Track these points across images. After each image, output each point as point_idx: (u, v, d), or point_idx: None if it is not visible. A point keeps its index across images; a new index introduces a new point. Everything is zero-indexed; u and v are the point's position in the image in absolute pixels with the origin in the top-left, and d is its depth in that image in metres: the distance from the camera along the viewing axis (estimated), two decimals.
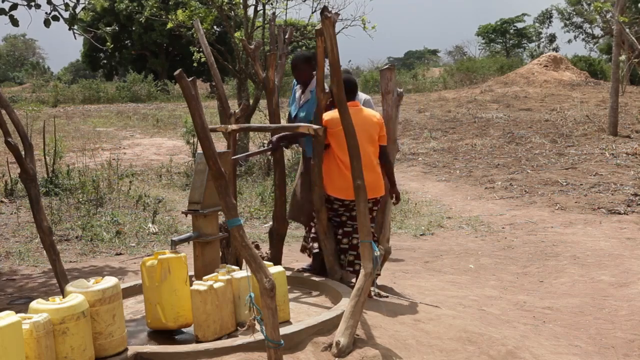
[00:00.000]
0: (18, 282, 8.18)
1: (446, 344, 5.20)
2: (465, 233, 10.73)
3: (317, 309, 5.72)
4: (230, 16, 16.64)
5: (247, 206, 12.23)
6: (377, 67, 51.43)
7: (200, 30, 6.93)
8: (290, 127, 6.33)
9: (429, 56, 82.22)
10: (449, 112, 26.78)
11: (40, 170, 12.85)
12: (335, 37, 5.00)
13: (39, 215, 5.47)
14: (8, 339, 3.77)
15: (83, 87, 45.94)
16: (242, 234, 4.14)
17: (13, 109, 5.70)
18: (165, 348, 4.72)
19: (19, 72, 76.28)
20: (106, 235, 10.37)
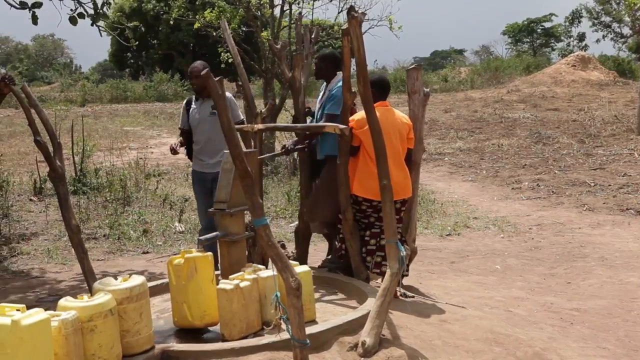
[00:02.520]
0: (46, 280, 8.27)
1: (472, 344, 5.17)
2: (492, 233, 10.67)
3: (343, 308, 5.71)
4: (257, 16, 16.67)
5: (273, 205, 12.26)
6: (403, 66, 51.27)
7: (227, 30, 6.95)
8: (316, 127, 6.32)
9: (456, 56, 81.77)
10: (475, 112, 26.64)
11: (69, 169, 12.96)
12: (361, 37, 4.99)
13: (68, 213, 5.51)
14: (37, 336, 3.80)
15: (111, 87, 46.29)
16: (268, 233, 4.14)
17: (42, 109, 5.76)
18: (192, 346, 4.73)
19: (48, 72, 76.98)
20: (133, 233, 10.45)
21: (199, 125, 7.43)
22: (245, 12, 16.06)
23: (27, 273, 8.62)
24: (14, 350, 3.74)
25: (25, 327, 3.73)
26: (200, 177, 7.50)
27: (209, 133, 7.36)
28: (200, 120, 7.42)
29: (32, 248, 9.84)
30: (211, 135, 7.31)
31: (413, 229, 6.67)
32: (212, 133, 7.29)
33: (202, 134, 7.42)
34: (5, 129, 26.40)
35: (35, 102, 5.70)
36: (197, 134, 7.47)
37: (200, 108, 7.44)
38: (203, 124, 7.40)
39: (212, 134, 7.30)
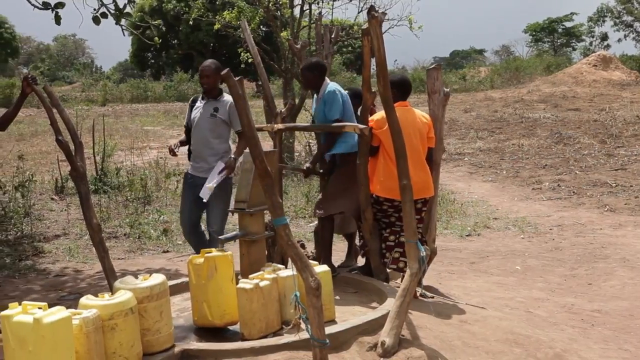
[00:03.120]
0: (68, 279, 8.33)
1: (492, 345, 5.15)
2: (512, 234, 10.63)
3: (362, 308, 5.71)
4: (276, 16, 16.69)
5: (293, 205, 12.27)
6: (422, 66, 51.15)
7: (247, 30, 6.98)
8: (336, 127, 6.32)
9: (475, 55, 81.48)
10: (495, 112, 26.53)
11: (90, 168, 13.03)
12: (382, 37, 4.98)
13: (89, 212, 5.54)
14: (58, 334, 3.83)
15: (131, 87, 46.58)
16: (287, 233, 4.15)
17: (64, 108, 5.80)
18: (212, 345, 4.75)
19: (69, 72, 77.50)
20: (153, 233, 10.50)
21: (197, 124, 7.13)
22: (265, 12, 16.07)
23: (49, 271, 8.68)
24: (36, 348, 3.78)
25: (47, 325, 3.77)
26: (192, 181, 7.18)
27: (205, 134, 7.07)
28: (199, 119, 7.11)
29: (54, 247, 9.91)
30: (208, 137, 7.06)
31: (433, 229, 6.65)
32: (208, 135, 7.06)
33: (198, 134, 7.12)
34: (27, 128, 26.61)
35: (57, 101, 5.75)
36: (194, 133, 7.18)
37: (203, 108, 7.14)
38: (201, 124, 7.09)
39: (208, 136, 7.06)
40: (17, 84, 38.88)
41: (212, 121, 6.96)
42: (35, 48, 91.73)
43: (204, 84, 7.10)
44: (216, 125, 6.95)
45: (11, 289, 7.84)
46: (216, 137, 6.99)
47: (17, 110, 6.39)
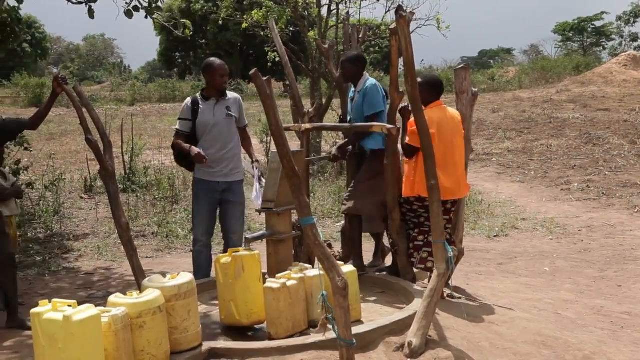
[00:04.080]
0: (96, 277, 8.40)
1: (520, 347, 5.12)
2: (541, 235, 10.55)
3: (389, 308, 5.70)
4: (304, 16, 16.72)
5: (320, 205, 12.28)
6: (450, 66, 50.90)
7: (275, 29, 6.98)
8: (363, 127, 6.31)
9: (504, 55, 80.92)
10: (523, 112, 26.31)
11: (119, 167, 13.14)
12: (409, 37, 4.97)
13: (118, 211, 5.59)
14: (88, 332, 3.87)
15: (159, 86, 46.79)
16: (315, 233, 4.15)
17: (93, 108, 5.86)
18: (239, 344, 4.77)
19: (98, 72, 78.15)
20: (181, 232, 10.57)
21: (214, 127, 6.68)
22: (293, 12, 16.11)
23: (78, 270, 8.77)
24: (65, 345, 3.82)
25: (76, 322, 3.81)
26: (208, 186, 6.70)
27: (226, 136, 6.72)
28: (215, 122, 6.67)
29: (83, 245, 10.01)
30: (228, 138, 6.73)
31: (460, 229, 6.63)
32: (229, 136, 6.74)
33: (217, 137, 6.68)
34: (57, 127, 26.85)
35: (86, 101, 5.81)
36: (210, 137, 6.68)
37: (215, 109, 6.71)
38: (218, 127, 6.68)
39: (229, 138, 6.74)
40: (47, 84, 39.24)
41: (230, 121, 6.73)
42: (65, 48, 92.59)
43: (223, 84, 6.73)
44: (232, 125, 6.79)
45: (41, 287, 7.93)
46: (233, 137, 6.81)
47: (48, 110, 6.46)
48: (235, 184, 6.79)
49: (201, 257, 6.79)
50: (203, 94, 6.81)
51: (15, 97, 43.46)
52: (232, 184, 6.73)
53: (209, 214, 6.81)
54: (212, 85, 6.74)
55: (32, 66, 55.83)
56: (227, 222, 6.85)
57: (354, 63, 6.59)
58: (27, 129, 6.54)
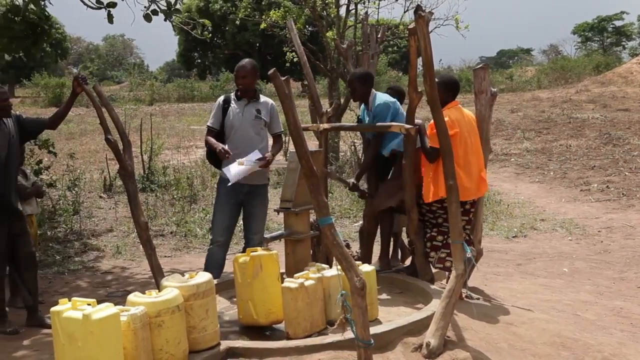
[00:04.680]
0: (115, 276, 8.45)
1: (539, 348, 5.10)
2: (560, 236, 10.49)
3: (407, 309, 5.70)
4: (322, 16, 16.71)
5: (338, 205, 12.27)
6: (469, 66, 50.73)
7: (294, 29, 6.99)
8: (382, 127, 6.31)
9: (523, 55, 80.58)
10: (542, 112, 26.19)
11: (137, 167, 13.22)
12: (428, 36, 4.96)
13: (136, 210, 5.62)
14: (107, 330, 3.89)
15: (178, 86, 47.05)
16: (333, 233, 4.15)
17: (113, 107, 5.89)
18: (257, 344, 4.78)
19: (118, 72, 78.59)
20: (199, 231, 10.60)
21: (240, 128, 6.69)
22: (311, 11, 16.11)
23: (97, 268, 8.82)
24: (85, 343, 3.84)
25: (95, 321, 3.83)
26: (231, 187, 6.59)
27: (251, 136, 6.69)
28: (242, 122, 6.69)
29: (102, 244, 10.07)
30: (254, 139, 6.68)
31: (479, 230, 6.61)
32: (254, 137, 6.69)
33: (243, 138, 6.65)
34: (76, 127, 27.03)
35: (106, 101, 5.85)
36: (236, 138, 6.68)
37: (245, 110, 6.72)
38: (245, 128, 6.69)
39: (254, 138, 6.68)
40: (67, 84, 39.56)
41: (257, 123, 6.70)
42: (85, 48, 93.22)
43: (240, 85, 6.72)
44: (260, 127, 6.76)
45: (60, 285, 7.98)
46: (260, 139, 6.75)
47: (67, 109, 6.50)
48: (260, 187, 6.77)
49: (214, 257, 6.74)
50: (237, 94, 6.84)
51: (35, 97, 43.86)
52: (256, 187, 6.71)
53: (230, 214, 6.78)
54: (237, 86, 6.80)
55: (52, 66, 56.22)
56: (249, 224, 6.82)
57: (362, 83, 6.60)
58: (46, 128, 6.58)
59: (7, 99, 6.17)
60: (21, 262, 6.27)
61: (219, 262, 6.70)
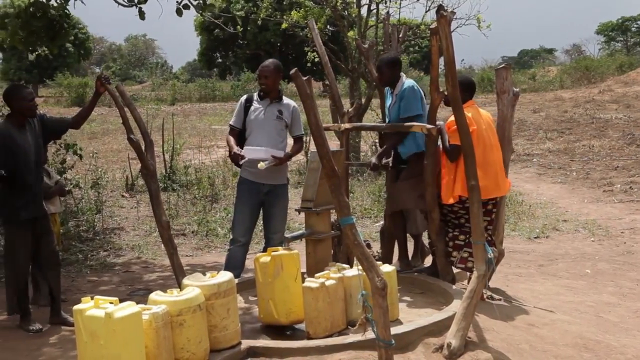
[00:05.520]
0: (137, 274, 8.50)
1: (561, 350, 5.07)
2: (582, 237, 10.42)
3: (428, 309, 5.68)
4: (343, 15, 16.70)
5: (359, 205, 12.26)
6: (490, 66, 50.49)
7: (315, 29, 6.99)
8: (403, 127, 6.29)
9: (545, 55, 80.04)
10: (565, 112, 26.01)
11: (159, 166, 13.27)
12: (450, 36, 4.94)
13: (158, 210, 5.65)
14: (129, 329, 3.92)
15: (199, 86, 47.19)
16: (354, 233, 4.14)
17: (135, 107, 5.93)
18: (278, 343, 4.79)
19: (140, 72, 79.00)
20: (220, 230, 10.64)
21: (262, 128, 6.69)
22: (332, 11, 16.11)
23: (119, 267, 8.87)
24: (107, 342, 3.87)
25: (117, 319, 3.86)
26: (252, 187, 6.69)
27: (272, 137, 6.67)
28: (264, 122, 6.69)
29: (124, 243, 10.14)
30: (274, 140, 6.67)
31: (500, 231, 6.57)
32: (276, 138, 6.69)
33: (263, 137, 6.63)
34: (99, 126, 27.19)
35: (129, 100, 5.88)
36: (257, 137, 6.66)
37: (266, 110, 6.73)
38: (266, 127, 6.69)
39: (275, 139, 6.68)
40: (89, 84, 39.81)
41: (278, 123, 6.72)
42: (108, 48, 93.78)
43: (263, 85, 6.72)
44: (281, 129, 6.76)
45: (83, 284, 8.05)
46: (281, 140, 6.78)
47: (91, 109, 6.55)
48: (280, 187, 6.79)
49: (235, 257, 6.76)
50: (260, 94, 6.86)
51: (58, 97, 44.17)
52: (276, 187, 6.74)
53: (251, 214, 6.81)
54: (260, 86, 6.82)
55: (75, 66, 56.68)
56: (269, 223, 6.85)
57: (390, 67, 6.53)
58: (70, 128, 6.64)
59: (33, 99, 6.23)
60: (44, 260, 6.33)
61: (239, 262, 6.72)
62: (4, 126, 6.16)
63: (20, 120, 6.12)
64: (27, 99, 6.11)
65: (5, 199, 6.16)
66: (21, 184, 6.08)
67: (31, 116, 6.18)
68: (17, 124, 6.11)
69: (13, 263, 6.22)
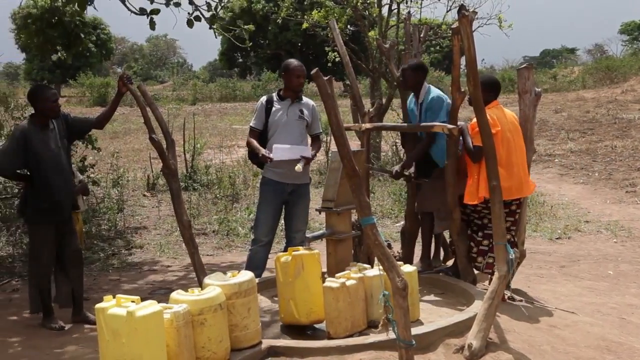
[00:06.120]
0: (158, 273, 8.54)
1: (583, 352, 5.03)
2: (604, 238, 10.34)
3: (448, 310, 5.67)
4: (364, 15, 16.69)
5: (379, 205, 12.25)
6: (512, 66, 50.26)
7: (336, 29, 7.00)
8: (424, 127, 6.28)
9: (567, 55, 79.48)
10: (587, 112, 25.83)
11: (180, 166, 13.30)
12: (472, 36, 4.93)
13: (180, 209, 5.67)
14: (150, 327, 3.94)
15: (220, 86, 47.31)
16: (375, 233, 4.14)
17: (157, 107, 5.96)
18: (298, 343, 4.80)
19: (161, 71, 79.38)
20: (241, 230, 10.66)
21: (284, 127, 6.71)
22: (353, 11, 16.09)
23: (141, 266, 8.92)
24: (129, 340, 3.89)
25: (139, 318, 3.88)
26: (276, 187, 6.71)
27: (295, 137, 6.69)
28: (286, 122, 6.71)
29: (145, 242, 10.19)
30: (298, 140, 6.69)
31: (522, 231, 6.54)
32: (299, 138, 6.72)
33: (286, 138, 6.64)
34: (120, 126, 27.35)
35: (150, 100, 5.91)
36: (280, 138, 6.66)
37: (288, 110, 6.74)
38: (289, 127, 6.70)
39: (298, 139, 6.70)
40: (111, 83, 40.07)
41: (301, 123, 6.75)
42: (129, 48, 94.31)
43: (296, 84, 6.73)
44: (303, 128, 6.80)
45: (104, 282, 8.10)
46: (303, 140, 6.80)
47: (113, 109, 6.59)
48: (303, 186, 6.80)
49: (257, 257, 6.76)
50: (279, 94, 6.87)
51: (80, 97, 44.47)
52: (299, 186, 6.75)
53: (274, 214, 6.82)
54: (288, 86, 6.79)
55: (97, 66, 57.04)
56: (291, 222, 6.87)
57: (415, 72, 6.55)
58: (94, 128, 6.69)
59: (56, 100, 6.28)
60: (67, 259, 6.37)
61: (261, 262, 6.74)
62: (25, 126, 6.21)
63: (44, 120, 6.17)
64: (50, 100, 6.16)
65: (29, 199, 6.21)
66: (45, 185, 6.12)
67: (54, 117, 6.22)
68: (41, 124, 6.16)
69: (37, 262, 6.27)
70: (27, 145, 6.05)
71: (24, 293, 7.51)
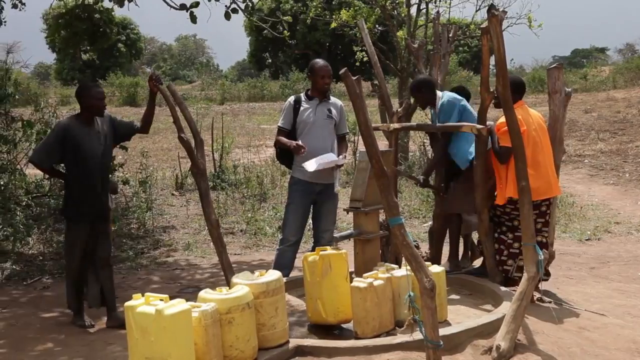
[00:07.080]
0: (186, 272, 8.58)
1: (613, 354, 4.98)
2: (635, 239, 10.23)
3: (476, 311, 5.65)
4: (393, 15, 16.67)
5: (407, 205, 12.22)
6: (541, 66, 49.81)
7: (365, 29, 7.00)
8: (453, 127, 6.27)
9: (597, 54, 78.69)
10: (618, 112, 25.54)
11: (209, 165, 13.37)
12: (501, 36, 4.90)
13: (208, 208, 5.70)
14: (179, 326, 3.97)
15: (248, 86, 47.43)
16: (403, 233, 4.14)
17: (186, 107, 5.99)
18: (326, 342, 4.81)
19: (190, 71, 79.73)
20: (269, 229, 10.69)
21: (313, 128, 6.72)
22: (382, 11, 16.08)
23: (169, 264, 8.98)
24: (157, 338, 3.92)
25: (168, 316, 3.91)
26: (306, 187, 6.73)
27: (325, 136, 6.74)
28: (315, 122, 6.72)
29: (174, 240, 10.25)
30: (327, 140, 6.74)
31: (551, 232, 6.49)
32: (328, 138, 6.75)
33: (316, 138, 6.67)
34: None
35: (180, 100, 5.94)
36: (309, 137, 6.68)
37: (317, 109, 6.76)
38: (318, 128, 6.73)
39: (327, 139, 6.75)
40: (140, 83, 40.30)
41: (329, 123, 6.77)
42: (158, 48, 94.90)
43: (324, 84, 6.75)
44: (332, 127, 6.82)
45: (133, 281, 8.16)
46: (332, 139, 6.83)
47: (152, 111, 6.62)
48: (330, 186, 6.81)
49: (285, 256, 6.79)
50: (307, 94, 6.90)
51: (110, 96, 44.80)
52: (328, 186, 6.77)
53: (303, 214, 6.85)
54: (315, 86, 6.82)
55: (127, 66, 57.43)
56: (320, 222, 6.90)
57: (418, 91, 6.67)
58: (138, 133, 6.69)
59: (102, 99, 6.33)
60: (99, 260, 6.38)
61: (289, 262, 6.76)
62: (67, 122, 6.27)
63: (88, 118, 6.21)
64: (96, 97, 6.22)
65: (69, 197, 6.27)
66: (85, 184, 6.16)
67: (99, 115, 6.27)
68: (86, 121, 6.21)
69: (70, 259, 6.33)
70: (67, 141, 6.10)
71: (54, 290, 7.60)
